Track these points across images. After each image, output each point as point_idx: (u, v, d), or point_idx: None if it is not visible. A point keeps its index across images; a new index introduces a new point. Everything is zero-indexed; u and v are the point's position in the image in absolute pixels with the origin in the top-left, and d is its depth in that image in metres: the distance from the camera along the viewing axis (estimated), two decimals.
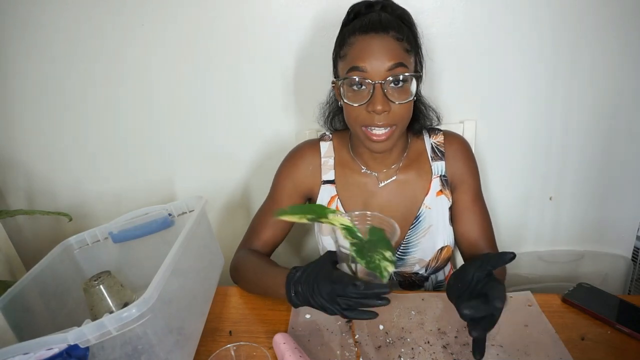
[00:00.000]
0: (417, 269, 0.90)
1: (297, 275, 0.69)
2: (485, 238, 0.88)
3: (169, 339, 0.61)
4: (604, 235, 1.23)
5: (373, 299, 0.60)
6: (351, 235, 0.59)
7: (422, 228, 0.88)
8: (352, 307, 0.62)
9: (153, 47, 1.08)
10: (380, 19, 0.74)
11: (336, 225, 0.60)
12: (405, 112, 0.77)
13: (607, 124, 1.10)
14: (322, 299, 0.63)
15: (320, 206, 0.63)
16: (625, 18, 0.99)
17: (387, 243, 0.59)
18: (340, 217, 0.61)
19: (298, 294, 0.67)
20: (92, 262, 0.86)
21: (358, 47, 0.74)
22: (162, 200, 1.22)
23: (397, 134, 0.78)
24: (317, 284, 0.64)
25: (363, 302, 0.61)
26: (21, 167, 1.25)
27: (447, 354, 0.67)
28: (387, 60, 0.72)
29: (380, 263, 0.55)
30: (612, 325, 0.71)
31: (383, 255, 0.56)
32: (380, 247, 0.58)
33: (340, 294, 0.61)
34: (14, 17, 1.06)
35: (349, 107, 0.77)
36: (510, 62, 1.05)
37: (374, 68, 0.72)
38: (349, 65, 0.75)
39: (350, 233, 0.59)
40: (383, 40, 0.72)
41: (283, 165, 0.93)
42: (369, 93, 0.74)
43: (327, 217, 0.60)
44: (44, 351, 0.51)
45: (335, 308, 0.63)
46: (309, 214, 0.60)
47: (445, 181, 0.88)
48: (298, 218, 0.60)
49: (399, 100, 0.74)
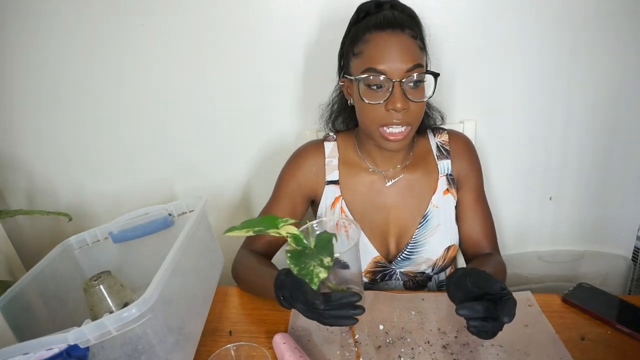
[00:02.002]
0: (424, 268, 0.89)
1: (281, 279, 0.69)
2: (487, 237, 0.88)
3: (169, 339, 0.61)
4: (604, 235, 1.23)
5: (344, 309, 0.61)
6: (296, 244, 0.59)
7: (430, 227, 0.88)
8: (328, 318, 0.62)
9: (153, 47, 1.08)
10: (394, 16, 0.74)
11: (283, 235, 0.59)
12: (421, 112, 0.77)
13: (607, 124, 1.10)
14: (300, 307, 0.65)
15: (273, 217, 0.62)
16: (625, 18, 0.99)
17: (329, 249, 0.58)
18: (290, 227, 0.60)
19: (285, 298, 0.67)
20: (92, 262, 0.86)
21: (375, 45, 0.74)
22: (162, 200, 1.22)
23: (412, 134, 0.79)
24: (294, 292, 0.65)
25: (334, 313, 0.61)
26: (21, 167, 1.25)
27: (447, 354, 0.67)
28: (407, 61, 0.72)
29: (314, 270, 0.54)
30: (612, 325, 0.71)
31: (321, 261, 0.55)
32: (323, 252, 0.57)
33: (312, 305, 0.62)
34: (13, 17, 1.06)
35: (366, 107, 0.76)
36: (510, 62, 1.05)
37: (392, 68, 0.72)
38: (367, 64, 0.74)
39: (296, 241, 0.59)
40: (400, 37, 0.73)
41: (287, 166, 0.93)
42: (387, 91, 0.74)
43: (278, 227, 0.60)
44: (44, 351, 0.51)
45: (313, 317, 0.63)
46: (257, 226, 0.60)
47: (452, 180, 0.88)
48: (245, 232, 0.59)
49: (417, 99, 0.74)
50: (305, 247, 0.59)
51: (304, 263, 0.55)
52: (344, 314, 0.61)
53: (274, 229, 0.59)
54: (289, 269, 0.68)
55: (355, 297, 0.60)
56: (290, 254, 0.57)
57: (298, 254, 0.57)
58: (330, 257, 0.56)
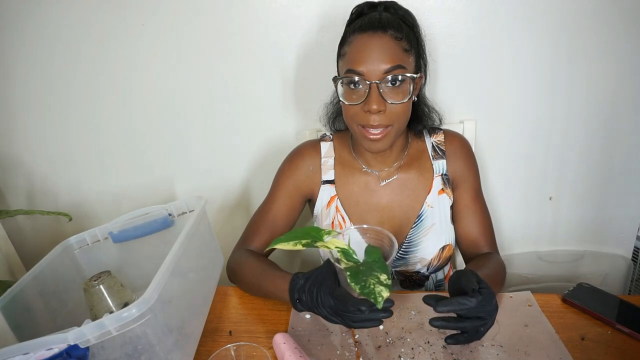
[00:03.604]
0: (419, 268, 0.90)
1: (300, 284, 0.69)
2: (485, 237, 0.88)
3: (169, 339, 0.61)
4: (604, 235, 1.23)
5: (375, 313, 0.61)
6: (346, 259, 0.59)
7: (424, 227, 0.88)
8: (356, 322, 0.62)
9: (153, 46, 1.08)
10: (380, 18, 0.74)
11: (332, 249, 0.60)
12: (402, 112, 0.76)
13: (607, 124, 1.10)
14: (325, 312, 0.64)
15: (316, 228, 0.63)
16: (624, 18, 0.99)
17: (383, 265, 0.59)
18: (336, 240, 0.61)
19: (302, 302, 0.68)
20: (92, 262, 0.86)
21: (356, 47, 0.74)
22: (162, 200, 1.22)
23: (394, 133, 0.78)
24: (320, 297, 0.65)
25: (367, 323, 0.62)
26: (22, 167, 1.25)
27: (447, 354, 0.67)
28: (384, 62, 0.72)
29: (375, 288, 0.54)
30: (612, 325, 0.71)
31: (378, 278, 0.55)
32: (377, 269, 0.57)
33: (344, 311, 0.62)
34: (15, 18, 1.06)
35: (346, 107, 0.78)
36: (510, 62, 1.05)
37: (370, 69, 0.72)
38: (348, 65, 0.75)
39: (345, 256, 0.59)
40: (381, 39, 0.73)
41: (284, 165, 0.93)
42: (365, 92, 0.74)
43: (323, 239, 0.61)
44: (44, 351, 0.51)
45: (338, 320, 0.64)
46: (304, 238, 0.60)
47: (447, 180, 0.89)
48: (293, 245, 0.60)
49: (395, 101, 0.74)
50: (356, 262, 0.60)
51: (363, 281, 0.55)
52: (374, 316, 0.61)
53: (321, 242, 0.60)
54: (307, 274, 0.69)
55: (388, 303, 0.60)
56: (350, 273, 0.57)
57: (356, 272, 0.57)
58: (387, 275, 0.56)
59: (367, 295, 0.53)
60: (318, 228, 0.64)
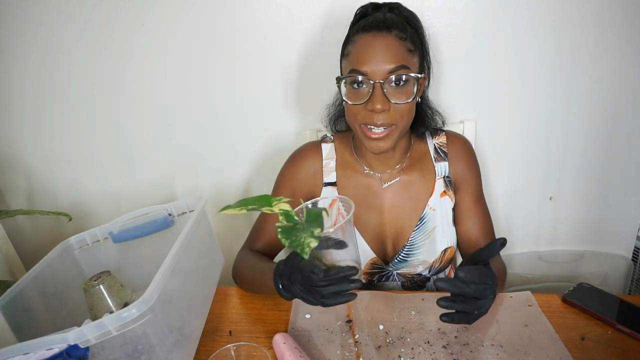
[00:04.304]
0: (421, 270, 0.89)
1: (280, 269, 0.68)
2: (486, 239, 0.88)
3: (169, 339, 0.61)
4: (604, 235, 1.23)
5: (341, 283, 0.61)
6: (287, 220, 0.59)
7: (426, 229, 0.88)
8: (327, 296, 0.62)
9: (153, 46, 1.08)
10: (384, 18, 0.74)
11: (276, 212, 0.60)
12: (406, 112, 0.76)
13: (607, 124, 1.10)
14: (298, 290, 0.64)
15: (267, 196, 0.62)
16: (625, 18, 0.99)
17: (319, 221, 0.59)
18: (282, 204, 0.60)
19: (285, 287, 0.67)
20: (92, 262, 0.86)
21: (360, 46, 0.74)
22: (162, 200, 1.22)
23: (397, 134, 0.77)
24: (292, 274, 0.65)
25: (332, 289, 0.61)
26: (21, 167, 1.25)
27: (447, 354, 0.67)
28: (389, 62, 0.72)
29: (304, 240, 0.54)
30: (612, 325, 0.71)
31: (311, 232, 0.55)
32: (313, 225, 0.58)
33: (310, 283, 0.62)
34: (14, 17, 1.06)
35: (349, 107, 0.77)
36: (510, 62, 1.05)
37: (374, 69, 0.72)
38: (351, 65, 0.75)
39: (287, 217, 0.59)
40: (385, 39, 0.72)
41: (285, 167, 0.93)
42: (368, 92, 0.74)
43: (271, 205, 0.60)
44: (44, 351, 0.51)
45: (312, 298, 0.63)
46: (252, 204, 0.60)
47: (449, 182, 0.88)
48: (238, 210, 0.59)
49: (399, 101, 0.74)
50: (297, 222, 0.59)
51: (295, 236, 0.55)
52: (343, 288, 0.61)
53: (268, 207, 0.60)
54: (286, 258, 0.69)
55: (352, 271, 0.60)
56: (281, 229, 0.57)
57: (289, 229, 0.57)
58: (320, 228, 0.56)
59: (295, 248, 0.54)
60: (269, 195, 0.63)
